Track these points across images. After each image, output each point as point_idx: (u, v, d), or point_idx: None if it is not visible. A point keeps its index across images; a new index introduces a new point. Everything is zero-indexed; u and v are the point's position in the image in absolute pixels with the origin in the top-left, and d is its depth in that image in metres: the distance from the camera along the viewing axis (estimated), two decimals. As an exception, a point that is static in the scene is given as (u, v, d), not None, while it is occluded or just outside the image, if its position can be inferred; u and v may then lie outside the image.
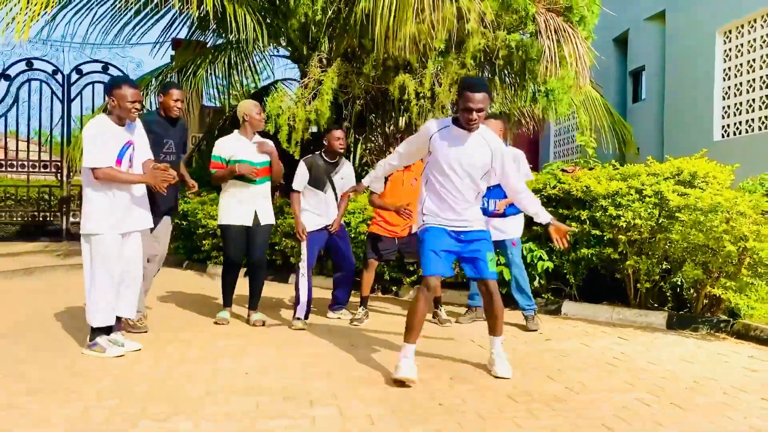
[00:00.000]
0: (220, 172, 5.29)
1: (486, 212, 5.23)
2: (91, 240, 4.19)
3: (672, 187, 5.34)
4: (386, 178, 5.46)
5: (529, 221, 6.30)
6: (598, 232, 5.76)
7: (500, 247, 5.36)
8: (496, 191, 4.92)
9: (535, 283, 6.19)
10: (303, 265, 5.35)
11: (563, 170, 6.25)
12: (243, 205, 5.33)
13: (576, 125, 8.77)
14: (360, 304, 5.70)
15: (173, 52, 11.67)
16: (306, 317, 5.42)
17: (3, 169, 13.74)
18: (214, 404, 3.27)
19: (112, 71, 13.81)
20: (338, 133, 5.50)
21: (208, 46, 10.34)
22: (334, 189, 5.54)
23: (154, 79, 10.12)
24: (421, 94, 7.10)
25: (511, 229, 5.41)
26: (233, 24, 7.43)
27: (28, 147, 13.77)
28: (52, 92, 13.29)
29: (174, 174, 4.31)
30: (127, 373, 3.85)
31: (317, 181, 5.46)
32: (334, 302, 5.83)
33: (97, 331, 4.27)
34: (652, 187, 5.42)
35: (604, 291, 6.25)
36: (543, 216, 4.04)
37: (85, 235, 4.22)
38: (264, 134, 7.52)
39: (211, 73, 10.01)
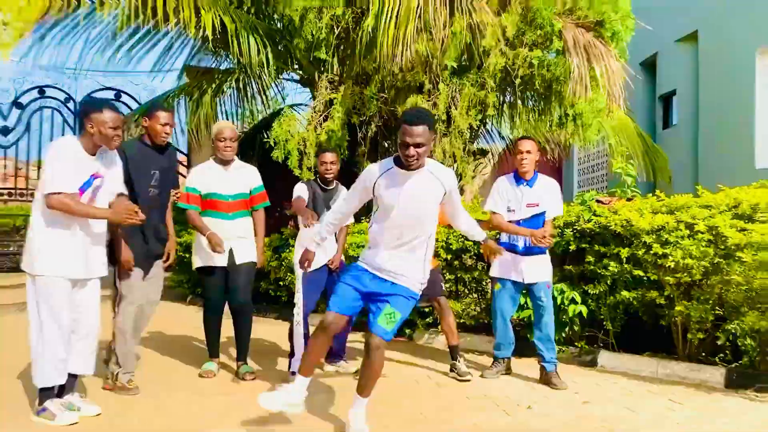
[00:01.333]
0: (196, 222, 4.64)
1: (517, 249, 4.69)
2: (37, 282, 3.55)
3: (729, 221, 4.59)
4: None
5: (560, 261, 5.59)
6: (640, 273, 5.00)
7: (533, 290, 4.76)
8: (531, 222, 4.61)
9: (567, 330, 5.42)
10: (297, 311, 4.65)
11: (598, 201, 5.52)
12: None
13: (604, 152, 8.07)
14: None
15: (187, 80, 11.25)
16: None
17: (14, 197, 13.39)
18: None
19: (125, 99, 13.48)
20: (327, 156, 4.84)
21: (220, 70, 9.85)
22: None
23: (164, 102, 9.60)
24: (435, 117, 6.45)
25: (544, 269, 4.72)
26: (236, 46, 6.90)
27: (38, 175, 13.41)
28: (64, 120, 12.98)
29: (142, 218, 3.62)
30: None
31: (314, 210, 4.78)
32: (330, 352, 5.00)
33: (46, 393, 3.60)
34: (706, 221, 4.67)
35: (646, 340, 5.47)
36: (479, 234, 3.99)
37: (31, 275, 3.57)
38: (273, 161, 6.95)
39: (220, 98, 9.47)
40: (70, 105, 12.89)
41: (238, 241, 4.73)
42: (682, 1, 12.96)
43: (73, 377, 3.72)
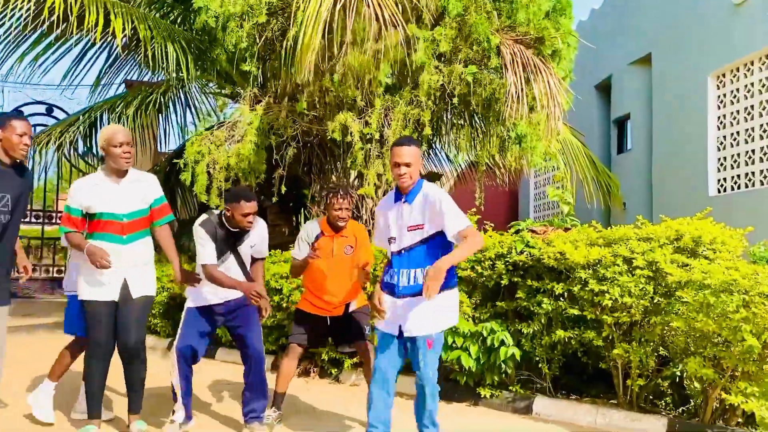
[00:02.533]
0: (74, 240, 3.86)
1: (396, 291, 3.50)
2: None
3: (670, 256, 4.14)
4: (313, 245, 4.25)
5: (492, 296, 5.10)
6: (576, 311, 4.53)
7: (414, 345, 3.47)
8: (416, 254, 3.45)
9: (500, 373, 4.91)
10: (173, 352, 4.06)
11: (532, 231, 5.05)
12: (108, 272, 3.85)
13: (553, 178, 7.68)
14: (272, 403, 4.37)
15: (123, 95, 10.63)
16: (188, 417, 4.12)
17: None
18: None
19: (57, 113, 12.78)
20: (249, 206, 3.96)
21: (148, 83, 9.24)
22: (238, 259, 4.15)
23: (81, 116, 8.93)
24: (367, 136, 5.95)
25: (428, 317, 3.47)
26: (148, 54, 6.32)
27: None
28: (-14, 135, 12.17)
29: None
30: None
31: (218, 254, 4.08)
32: (248, 413, 4.19)
33: None
34: (645, 255, 4.22)
35: (588, 380, 5.00)
36: None
37: None
38: (178, 182, 6.35)
39: (148, 113, 8.83)
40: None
41: (135, 269, 3.95)
42: (636, 23, 12.78)
43: None
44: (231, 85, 7.98)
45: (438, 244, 3.38)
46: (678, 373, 4.46)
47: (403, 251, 3.43)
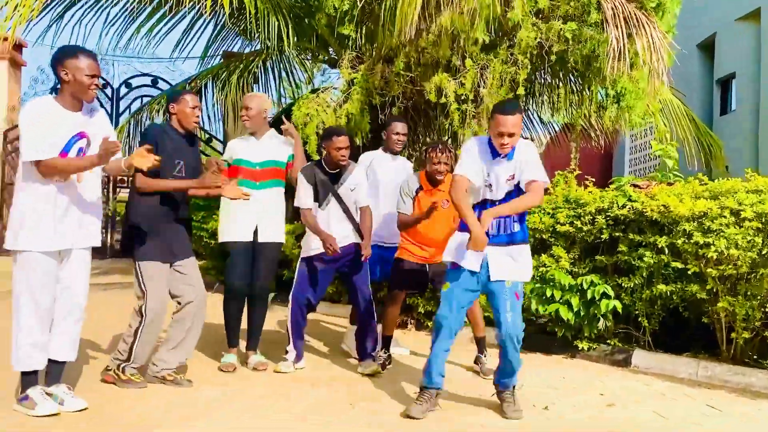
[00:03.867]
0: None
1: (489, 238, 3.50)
2: (18, 259, 3.33)
3: (781, 207, 4.07)
4: (413, 201, 4.46)
5: (592, 251, 5.14)
6: (679, 264, 4.52)
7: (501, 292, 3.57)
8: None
9: (599, 325, 4.97)
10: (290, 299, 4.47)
11: (634, 186, 5.03)
12: (242, 217, 4.38)
13: (655, 135, 7.49)
14: (382, 345, 4.67)
15: (224, 64, 11.12)
16: (298, 357, 4.51)
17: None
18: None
19: (162, 85, 13.51)
20: (341, 140, 4.34)
21: (250, 52, 9.64)
22: (341, 203, 4.48)
23: (187, 86, 9.47)
24: (462, 97, 6.04)
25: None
26: (254, 25, 6.63)
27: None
28: (101, 105, 13.08)
29: (117, 144, 3.22)
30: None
31: (316, 198, 4.44)
32: (361, 350, 4.57)
33: (28, 380, 3.38)
34: (754, 207, 4.15)
35: (688, 338, 4.97)
36: None
37: (12, 251, 3.35)
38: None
39: (247, 81, 9.26)
40: (108, 91, 12.98)
41: (266, 214, 4.43)
42: (743, -22, 12.11)
43: (58, 365, 3.48)
44: (326, 52, 8.22)
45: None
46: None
47: (497, 202, 3.53)
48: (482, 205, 3.53)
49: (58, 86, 3.41)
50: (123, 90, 13.51)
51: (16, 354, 3.34)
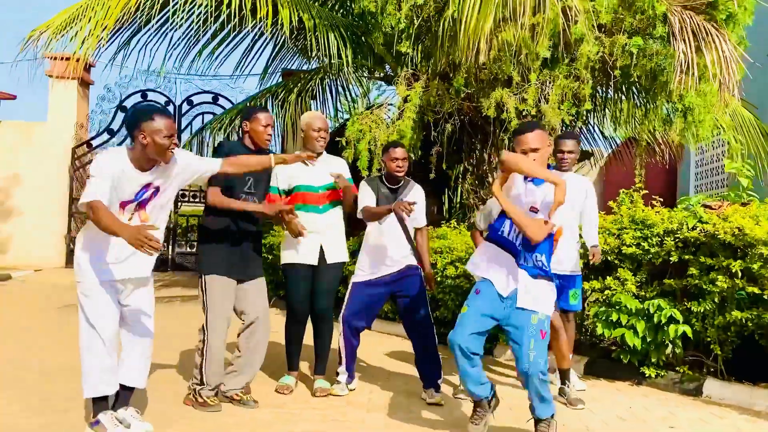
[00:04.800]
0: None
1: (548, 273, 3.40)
2: (79, 288, 3.38)
3: None
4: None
5: (660, 274, 4.93)
6: (755, 290, 4.27)
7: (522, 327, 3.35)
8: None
9: (667, 351, 4.75)
10: (341, 321, 4.38)
11: (706, 206, 4.80)
12: (307, 240, 4.28)
13: (724, 153, 7.16)
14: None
15: (283, 82, 11.32)
16: (350, 377, 4.45)
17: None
18: None
19: (222, 102, 13.84)
20: (398, 152, 4.31)
21: (307, 70, 9.77)
22: (401, 222, 4.38)
23: (248, 104, 9.65)
24: (523, 112, 5.94)
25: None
26: (314, 44, 6.72)
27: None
28: (165, 122, 13.49)
29: (157, 240, 3.02)
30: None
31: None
32: (425, 381, 4.36)
33: (99, 405, 3.40)
34: (838, 231, 3.90)
35: (764, 368, 4.69)
36: None
37: (75, 281, 3.41)
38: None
39: (304, 98, 9.37)
40: (170, 108, 13.37)
41: (330, 235, 4.36)
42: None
43: (127, 390, 3.52)
44: (383, 68, 8.25)
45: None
46: None
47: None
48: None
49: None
50: (185, 107, 13.89)
51: (86, 379, 3.39)
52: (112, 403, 3.48)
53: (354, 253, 6.89)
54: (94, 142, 13.84)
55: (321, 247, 4.32)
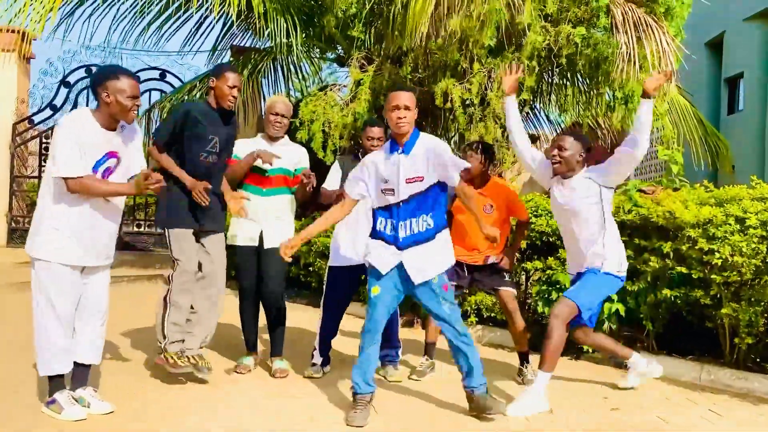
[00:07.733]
0: (231, 167, 4.22)
1: (398, 242, 3.59)
2: (37, 267, 3.39)
3: (786, 216, 4.12)
4: (452, 201, 4.22)
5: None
6: (684, 270, 4.57)
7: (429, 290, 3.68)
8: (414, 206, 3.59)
9: (603, 328, 5.04)
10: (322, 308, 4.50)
11: (641, 191, 5.09)
12: (248, 221, 4.29)
13: (661, 138, 7.52)
14: (424, 351, 4.59)
15: (233, 60, 11.16)
16: (325, 363, 4.51)
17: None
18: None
19: (170, 79, 13.55)
20: (375, 131, 4.31)
21: (259, 49, 9.69)
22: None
23: (198, 83, 9.51)
24: (467, 101, 6.10)
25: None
26: (264, 25, 6.70)
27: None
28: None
29: (159, 178, 3.27)
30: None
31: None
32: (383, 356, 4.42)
33: (55, 384, 3.42)
34: (758, 215, 4.21)
35: (690, 341, 5.04)
36: None
37: (33, 258, 3.41)
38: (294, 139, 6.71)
39: (257, 79, 9.31)
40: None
41: (272, 221, 4.33)
42: (752, -23, 12.09)
43: (83, 368, 3.54)
44: (335, 49, 8.28)
45: (432, 194, 3.52)
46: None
47: (401, 203, 3.51)
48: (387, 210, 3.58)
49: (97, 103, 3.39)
50: (132, 83, 13.58)
51: (41, 358, 3.41)
52: (70, 382, 3.52)
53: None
54: (36, 118, 13.37)
55: (261, 232, 4.32)
